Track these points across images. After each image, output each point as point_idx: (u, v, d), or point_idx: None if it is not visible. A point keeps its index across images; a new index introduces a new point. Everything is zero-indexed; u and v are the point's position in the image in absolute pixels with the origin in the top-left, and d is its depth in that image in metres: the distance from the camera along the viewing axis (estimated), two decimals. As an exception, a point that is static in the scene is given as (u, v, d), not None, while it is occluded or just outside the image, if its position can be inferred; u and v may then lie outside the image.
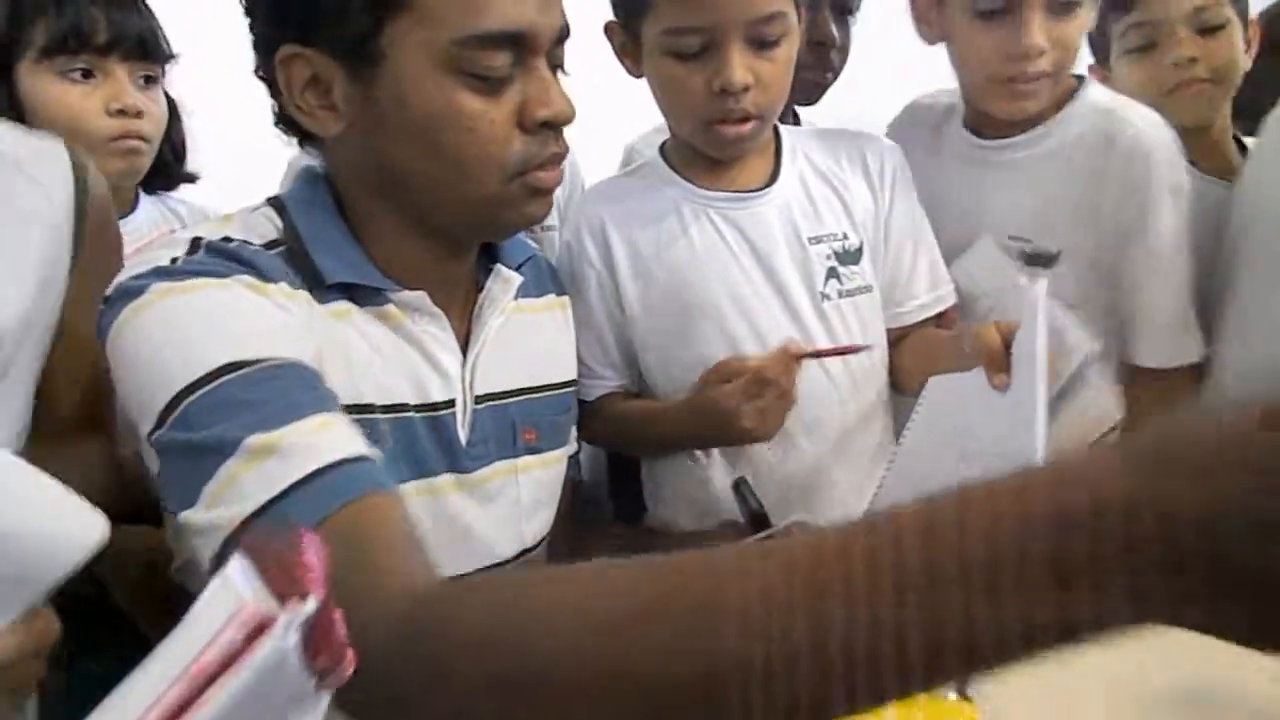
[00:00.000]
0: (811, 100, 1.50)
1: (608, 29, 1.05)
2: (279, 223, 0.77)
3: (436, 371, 0.80)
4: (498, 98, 0.72)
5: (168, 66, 1.28)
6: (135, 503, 0.78)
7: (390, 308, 0.78)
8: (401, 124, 0.72)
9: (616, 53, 1.06)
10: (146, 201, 1.34)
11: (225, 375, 0.61)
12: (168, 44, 1.26)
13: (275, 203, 0.79)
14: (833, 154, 1.14)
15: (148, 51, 1.22)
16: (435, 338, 0.80)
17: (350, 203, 0.79)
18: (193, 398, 0.61)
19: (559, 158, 0.78)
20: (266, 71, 0.75)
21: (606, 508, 1.23)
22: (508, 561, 0.87)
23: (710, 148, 1.07)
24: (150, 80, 1.25)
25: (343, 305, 0.76)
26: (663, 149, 1.13)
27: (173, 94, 1.32)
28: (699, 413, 1.00)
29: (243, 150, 1.82)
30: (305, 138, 0.79)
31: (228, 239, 0.71)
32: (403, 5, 0.69)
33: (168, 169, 1.35)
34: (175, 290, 0.65)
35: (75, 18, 1.16)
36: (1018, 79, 1.12)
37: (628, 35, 1.03)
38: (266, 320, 0.66)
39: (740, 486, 0.90)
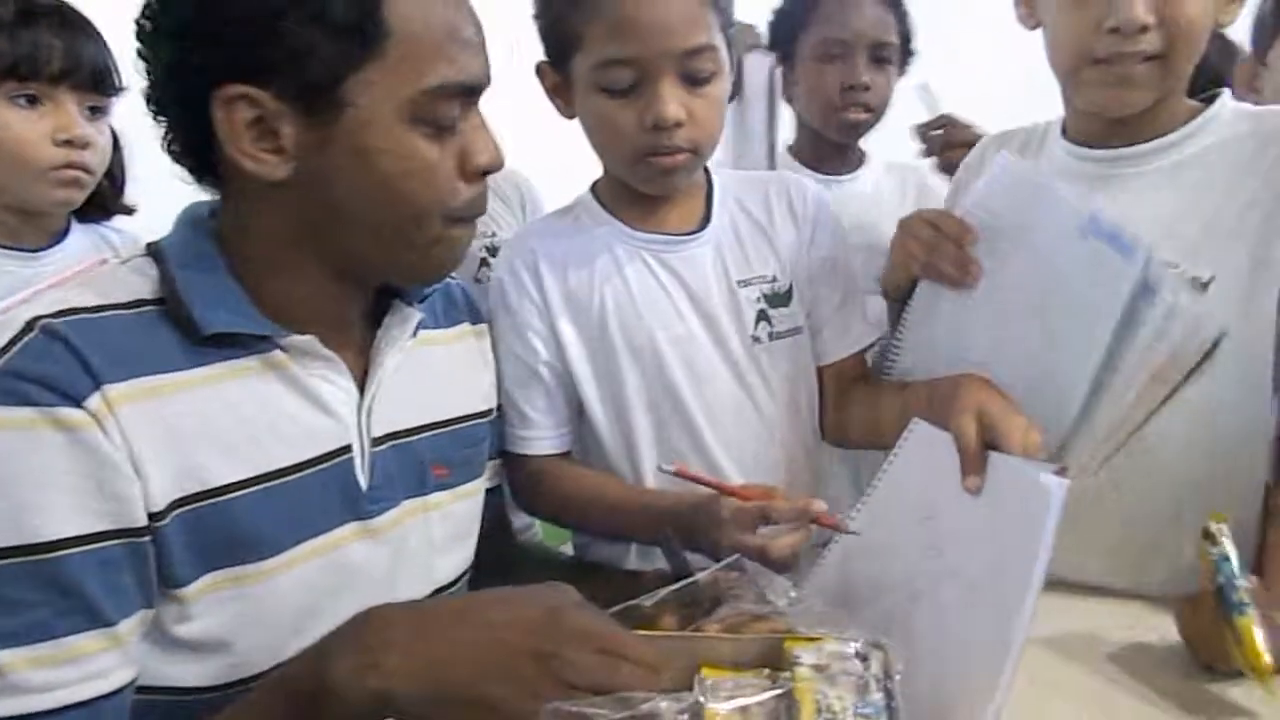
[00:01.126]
0: (851, 140, 1.59)
1: (539, 70, 1.05)
2: (154, 273, 0.74)
3: (330, 417, 0.78)
4: (445, 146, 0.73)
5: (115, 99, 1.25)
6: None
7: (278, 354, 0.75)
8: (358, 169, 0.71)
9: (548, 93, 1.06)
10: (78, 229, 1.31)
11: None
12: (119, 76, 1.24)
13: (154, 250, 0.76)
14: (761, 196, 1.15)
15: (99, 83, 1.21)
16: (328, 381, 0.78)
17: (243, 247, 0.76)
18: None
19: (481, 210, 0.80)
20: (184, 105, 0.71)
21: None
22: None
23: (643, 183, 1.06)
24: (97, 111, 1.23)
25: (216, 369, 0.72)
26: (595, 188, 1.14)
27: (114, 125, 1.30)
28: (688, 526, 0.93)
29: (181, 182, 1.81)
30: (203, 174, 0.77)
31: (70, 311, 0.68)
32: (375, 54, 0.69)
33: (104, 199, 1.32)
34: None
35: (31, 45, 1.14)
36: (1113, 60, 0.96)
37: (559, 75, 1.04)
38: (61, 489, 0.64)
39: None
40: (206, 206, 0.80)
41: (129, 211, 1.37)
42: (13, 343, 0.66)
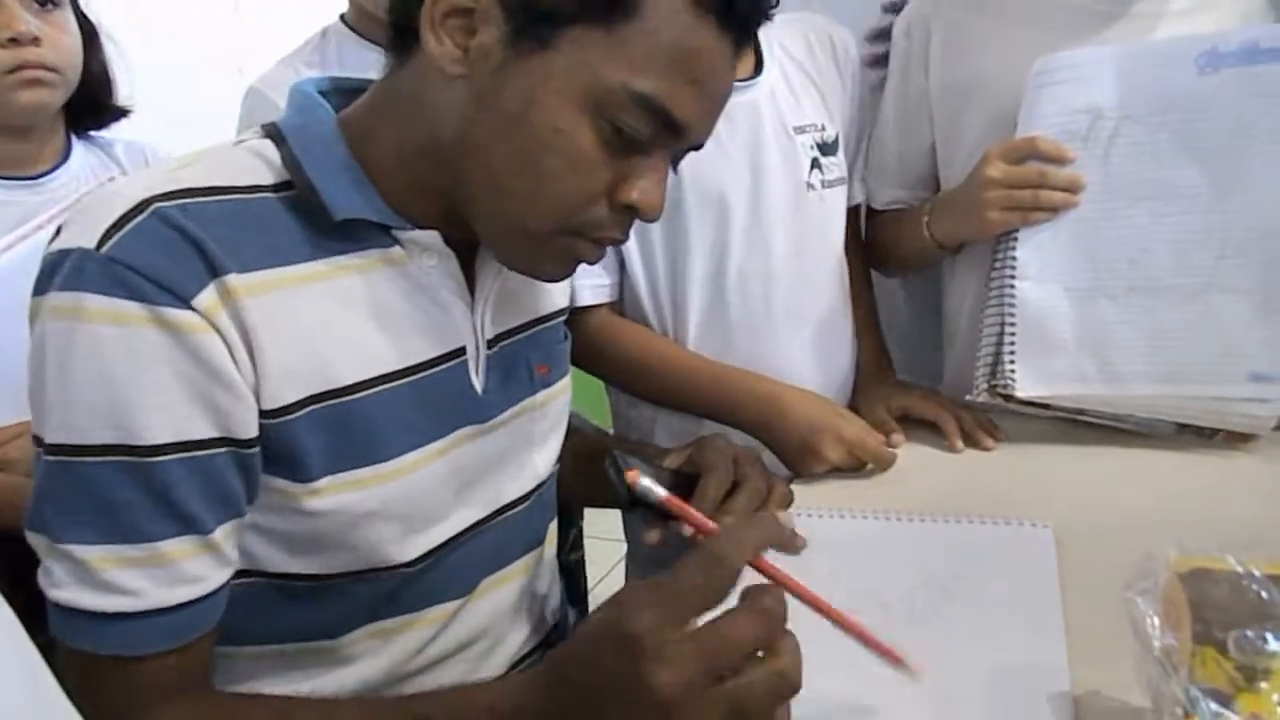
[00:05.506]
0: None
1: None
2: (274, 156, 0.69)
3: (446, 317, 0.74)
4: (612, 160, 0.66)
5: None
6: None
7: (396, 250, 0.71)
8: (514, 112, 0.65)
9: None
10: (80, 148, 1.21)
11: (93, 456, 0.60)
12: None
13: (272, 132, 0.71)
14: (803, 41, 1.11)
15: None
16: (444, 281, 0.74)
17: (377, 134, 0.71)
18: (57, 459, 0.61)
19: (612, 241, 0.73)
20: None
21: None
22: (523, 498, 0.84)
23: None
24: (49, 4, 1.12)
25: (337, 262, 0.69)
26: None
27: (93, 18, 1.20)
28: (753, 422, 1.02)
29: (182, 79, 1.68)
30: (396, 40, 0.71)
31: (185, 192, 0.63)
32: (611, 25, 0.62)
33: (94, 103, 1.22)
34: (86, 318, 0.59)
35: None
36: None
37: None
38: (161, 391, 0.60)
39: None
40: (314, 84, 0.75)
41: (124, 114, 1.26)
42: (123, 221, 0.61)
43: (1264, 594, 0.52)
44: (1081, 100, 1.00)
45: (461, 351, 0.75)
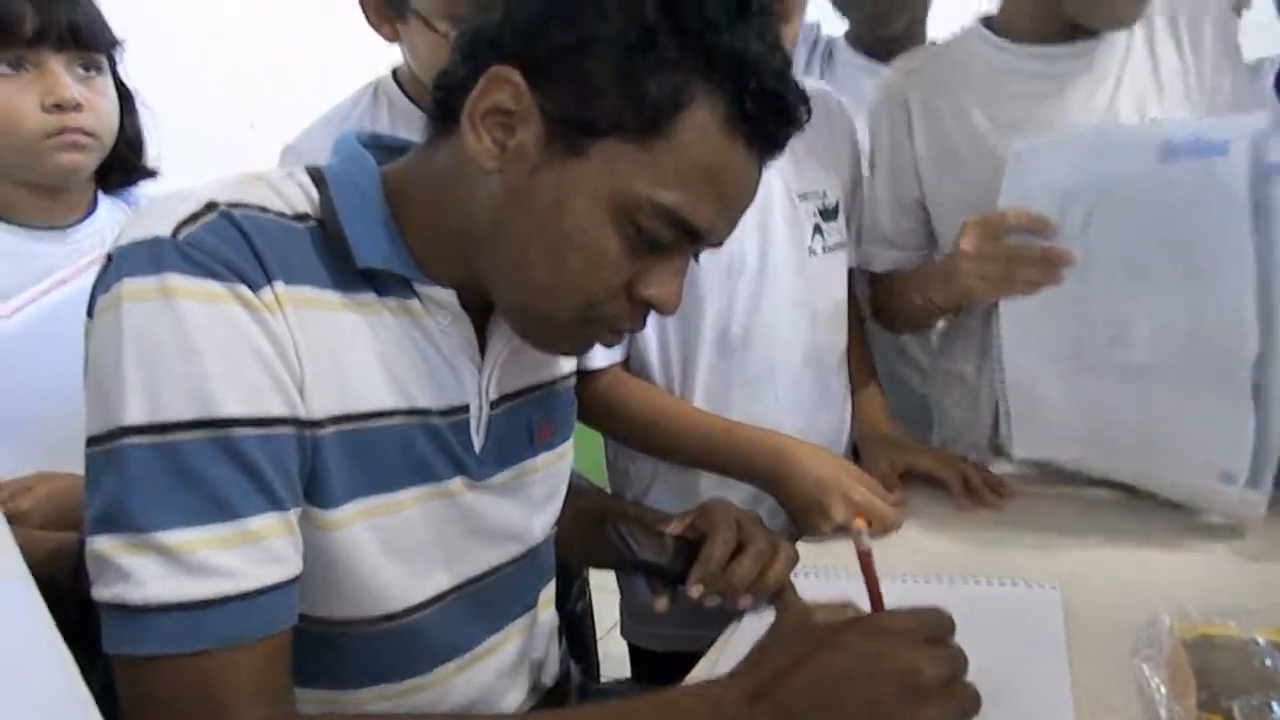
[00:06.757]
0: None
1: None
2: (314, 194, 0.72)
3: (454, 375, 0.77)
4: (633, 258, 0.70)
5: (115, 54, 1.18)
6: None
7: (415, 303, 0.74)
8: (544, 212, 0.68)
9: None
10: (106, 201, 1.24)
11: (175, 434, 0.60)
12: (108, 31, 1.16)
13: (315, 174, 0.73)
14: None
15: (82, 40, 1.12)
16: (456, 340, 0.77)
17: (413, 198, 0.74)
18: (135, 440, 0.59)
19: (628, 330, 0.76)
20: (473, 53, 0.69)
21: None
22: (517, 560, 0.85)
23: None
24: (91, 70, 1.15)
25: (361, 298, 0.71)
26: None
27: (128, 84, 1.23)
28: (768, 477, 1.04)
29: (207, 143, 1.72)
30: (438, 117, 0.74)
31: (242, 205, 0.66)
32: (642, 140, 0.65)
33: (124, 163, 1.24)
34: (171, 294, 0.61)
35: None
36: None
37: None
38: (245, 366, 0.63)
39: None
40: (357, 136, 0.77)
41: (153, 175, 1.29)
42: (195, 218, 0.64)
43: (1268, 661, 0.53)
44: (1052, 185, 1.01)
45: (464, 409, 0.77)
